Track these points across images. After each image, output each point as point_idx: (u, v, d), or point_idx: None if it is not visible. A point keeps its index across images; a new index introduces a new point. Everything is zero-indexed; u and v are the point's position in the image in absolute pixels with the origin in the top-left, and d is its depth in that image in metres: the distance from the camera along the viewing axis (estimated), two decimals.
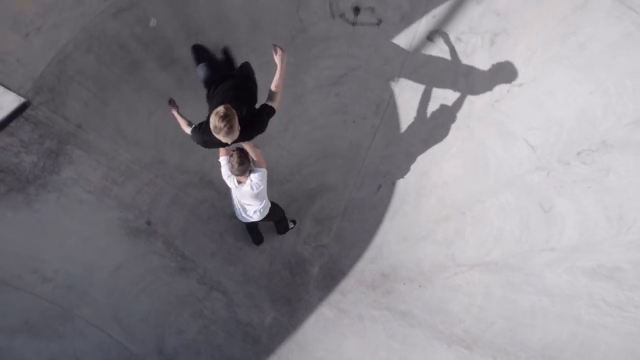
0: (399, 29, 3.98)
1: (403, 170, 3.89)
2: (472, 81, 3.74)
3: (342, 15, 4.07)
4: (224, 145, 2.78)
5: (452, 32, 3.80)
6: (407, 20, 3.92)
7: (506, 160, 3.55)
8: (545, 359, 3.22)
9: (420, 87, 3.90)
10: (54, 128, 3.62)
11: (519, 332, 3.34)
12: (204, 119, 2.91)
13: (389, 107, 3.98)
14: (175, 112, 3.26)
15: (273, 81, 2.94)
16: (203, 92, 3.33)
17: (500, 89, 3.62)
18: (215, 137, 2.60)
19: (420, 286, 3.77)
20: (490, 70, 3.66)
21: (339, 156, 4.02)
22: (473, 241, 3.60)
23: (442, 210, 3.74)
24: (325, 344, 3.74)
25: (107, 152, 3.87)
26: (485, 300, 3.48)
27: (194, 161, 4.01)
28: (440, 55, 3.84)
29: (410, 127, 3.91)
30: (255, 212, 3.31)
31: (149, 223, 3.95)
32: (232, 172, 2.99)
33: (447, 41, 3.81)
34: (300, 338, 3.78)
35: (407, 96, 3.94)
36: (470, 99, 3.75)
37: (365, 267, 3.92)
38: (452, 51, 3.82)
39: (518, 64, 3.56)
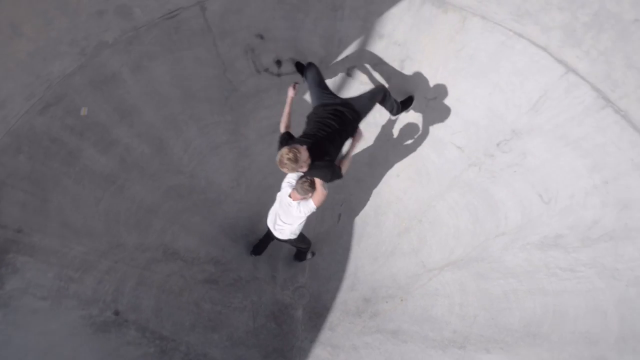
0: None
1: (357, 195, 4.12)
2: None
3: (266, 70, 4.40)
4: None
5: (366, 66, 4.26)
6: (325, 62, 4.33)
7: (443, 165, 3.92)
8: (529, 337, 3.42)
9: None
10: None
11: (500, 318, 3.54)
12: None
13: None
14: (289, 99, 3.37)
15: (347, 152, 3.19)
16: (150, 169, 3.38)
17: (420, 104, 4.07)
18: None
19: (402, 300, 3.89)
20: (406, 91, 4.13)
21: None
22: (436, 244, 3.84)
23: (401, 223, 3.98)
24: None
25: (57, 250, 3.69)
26: (462, 296, 3.67)
27: (154, 236, 3.94)
28: (362, 86, 4.26)
29: (354, 157, 4.19)
30: (282, 230, 3.40)
31: (116, 313, 3.74)
32: (297, 187, 3.13)
33: (365, 73, 4.25)
34: None
35: None
36: (401, 117, 4.15)
37: (346, 296, 3.98)
38: (371, 80, 4.25)
39: (428, 81, 4.05)
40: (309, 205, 3.20)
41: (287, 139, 3.12)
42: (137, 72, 4.04)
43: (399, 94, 4.08)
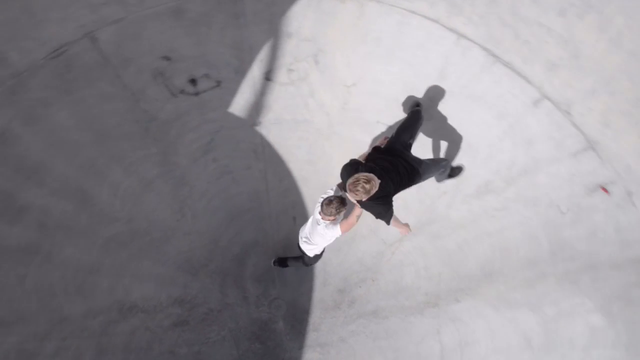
0: (238, 81, 4.30)
1: (307, 194, 4.16)
2: (318, 96, 4.28)
3: (182, 91, 4.20)
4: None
5: (283, 66, 4.30)
6: (241, 72, 4.28)
7: (362, 143, 4.14)
8: (486, 277, 3.81)
9: (282, 119, 4.27)
10: None
11: (460, 269, 3.88)
12: None
13: (265, 148, 4.23)
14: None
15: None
16: (79, 226, 3.04)
17: (342, 93, 4.24)
18: (345, 178, 2.76)
19: (373, 281, 4.05)
20: (326, 83, 4.26)
21: (245, 212, 4.07)
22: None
23: (354, 207, 4.12)
24: None
25: None
26: (425, 260, 3.95)
27: (103, 297, 3.56)
28: (283, 88, 4.29)
29: (291, 155, 4.22)
30: (305, 243, 3.30)
31: None
32: (322, 205, 2.98)
33: (283, 74, 4.29)
34: None
35: (275, 132, 4.26)
36: (325, 110, 4.27)
37: (321, 293, 4.02)
38: (291, 81, 4.31)
39: (344, 69, 4.23)
40: (335, 230, 3.08)
41: (357, 164, 2.97)
42: (31, 123, 3.58)
43: (322, 84, 4.21)
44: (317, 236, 3.14)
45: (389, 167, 2.99)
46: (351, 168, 2.89)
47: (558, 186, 3.71)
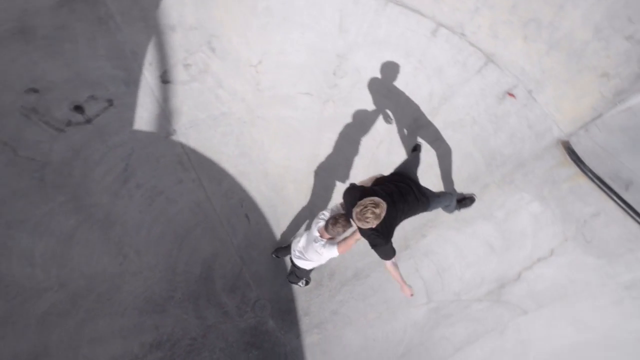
0: (133, 94, 3.81)
1: (250, 187, 3.95)
2: (227, 85, 3.98)
3: (69, 123, 3.59)
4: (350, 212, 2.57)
5: (177, 64, 3.88)
6: (132, 82, 3.78)
7: (303, 116, 4.03)
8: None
9: (197, 119, 3.92)
10: None
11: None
12: None
13: (189, 155, 3.87)
14: None
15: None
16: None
17: (251, 74, 3.99)
18: (349, 203, 2.54)
19: None
20: (231, 68, 3.97)
21: (192, 228, 3.75)
22: (341, 184, 4.06)
23: (300, 185, 4.03)
24: (335, 358, 3.73)
25: None
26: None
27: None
28: (187, 86, 3.90)
29: (220, 154, 3.93)
30: (299, 259, 3.16)
31: None
32: (328, 223, 2.79)
33: (180, 72, 3.88)
34: None
35: (194, 135, 3.90)
36: (239, 97, 4.01)
37: None
38: (192, 77, 3.93)
39: (244, 49, 3.96)
40: (332, 250, 2.87)
41: (360, 188, 2.69)
42: None
43: (227, 71, 3.91)
44: (312, 253, 2.98)
45: (395, 191, 2.80)
46: (355, 191, 2.67)
47: (474, 103, 4.01)
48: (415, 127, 4.03)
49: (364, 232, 2.65)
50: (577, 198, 3.73)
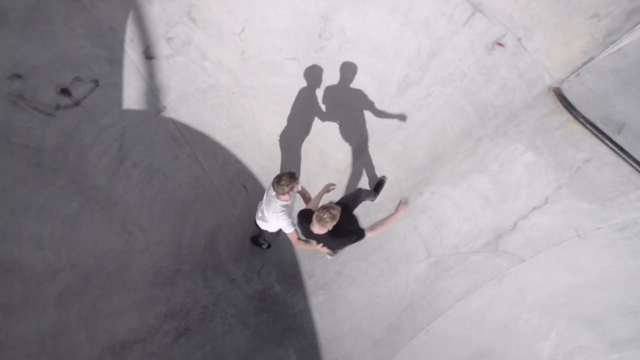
0: (118, 73, 3.77)
1: (244, 158, 3.97)
2: (212, 56, 3.92)
3: (58, 107, 3.58)
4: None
5: (159, 38, 3.80)
6: (115, 60, 3.73)
7: (292, 82, 3.98)
8: (436, 162, 4.00)
9: (186, 94, 3.90)
10: None
11: (412, 165, 4.05)
12: None
13: (182, 131, 3.87)
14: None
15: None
16: (18, 295, 2.63)
17: (235, 43, 3.92)
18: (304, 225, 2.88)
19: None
20: (214, 38, 3.89)
21: (192, 202, 3.81)
22: (334, 148, 4.07)
23: (295, 152, 4.06)
24: (342, 318, 3.89)
25: None
26: (379, 170, 4.09)
27: (86, 349, 3.26)
28: (171, 60, 3.85)
29: (212, 127, 3.92)
30: (260, 218, 3.23)
31: None
32: (273, 185, 2.84)
33: (163, 47, 3.82)
34: (326, 337, 3.84)
35: (184, 110, 3.89)
36: (226, 68, 3.96)
37: None
38: (176, 50, 3.86)
39: (226, 18, 3.87)
40: (284, 222, 2.98)
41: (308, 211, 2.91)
42: None
43: (211, 42, 3.83)
44: (270, 213, 3.05)
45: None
46: (303, 218, 2.93)
47: (463, 56, 3.94)
48: (406, 85, 3.99)
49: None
50: (570, 145, 3.76)
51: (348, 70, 3.96)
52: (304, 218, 2.91)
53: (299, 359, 3.74)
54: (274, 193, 2.88)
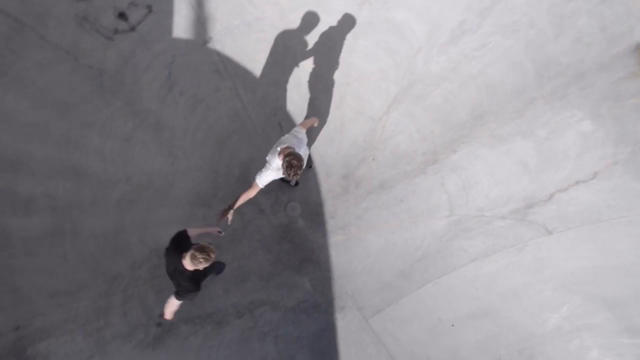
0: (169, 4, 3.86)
1: (282, 96, 4.05)
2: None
3: (116, 31, 3.83)
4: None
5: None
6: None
7: (336, 20, 3.81)
8: (477, 119, 3.84)
9: (231, 26, 3.93)
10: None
11: (451, 120, 3.91)
12: None
13: (226, 63, 3.98)
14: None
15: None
16: (86, 199, 3.14)
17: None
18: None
19: (373, 159, 4.17)
20: None
21: (230, 135, 4.07)
22: (372, 95, 3.98)
23: (332, 95, 4.03)
24: (356, 259, 4.17)
25: (66, 318, 3.65)
26: (415, 123, 3.98)
27: (138, 249, 3.92)
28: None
29: (254, 62, 3.97)
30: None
31: (159, 324, 3.91)
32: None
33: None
34: (339, 273, 4.17)
35: (229, 43, 3.95)
36: (274, 0, 3.85)
37: (328, 184, 4.23)
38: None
39: None
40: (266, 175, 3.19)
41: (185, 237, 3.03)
42: None
43: None
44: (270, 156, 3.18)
45: None
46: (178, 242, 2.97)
47: (536, 1, 3.44)
48: (460, 32, 3.64)
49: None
50: None
51: (397, 11, 3.68)
52: (177, 244, 2.96)
53: (312, 287, 4.16)
54: (278, 148, 3.06)
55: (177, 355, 3.88)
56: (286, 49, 3.97)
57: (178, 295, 2.92)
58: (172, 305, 3.01)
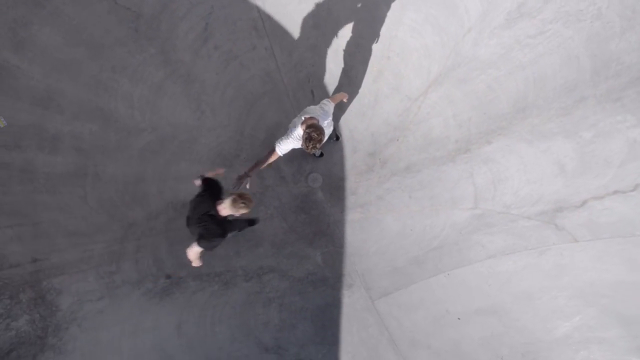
0: None
1: (319, 63, 3.90)
2: None
3: None
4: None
5: None
6: None
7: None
8: (519, 112, 3.66)
9: None
10: (14, 281, 3.44)
11: (491, 109, 3.73)
12: None
13: (265, 21, 3.83)
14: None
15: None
16: (110, 144, 3.13)
17: None
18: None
19: (398, 140, 4.03)
20: None
21: (261, 96, 3.97)
22: (412, 73, 3.80)
23: (371, 68, 3.86)
24: (371, 239, 4.12)
25: (81, 257, 3.73)
26: (452, 108, 3.80)
27: (155, 200, 3.93)
28: None
29: (294, 23, 3.80)
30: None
31: (168, 277, 3.98)
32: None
33: None
34: (352, 250, 4.14)
35: (271, 2, 3.78)
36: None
37: (353, 160, 4.13)
38: None
39: None
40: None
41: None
42: (21, 49, 3.43)
43: None
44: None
45: None
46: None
47: None
48: (517, 15, 3.39)
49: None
50: None
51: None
52: (212, 188, 3.03)
53: (323, 261, 4.15)
54: (303, 117, 3.00)
55: (182, 308, 3.96)
56: (329, 13, 3.78)
57: (202, 240, 2.92)
58: (195, 253, 3.02)
